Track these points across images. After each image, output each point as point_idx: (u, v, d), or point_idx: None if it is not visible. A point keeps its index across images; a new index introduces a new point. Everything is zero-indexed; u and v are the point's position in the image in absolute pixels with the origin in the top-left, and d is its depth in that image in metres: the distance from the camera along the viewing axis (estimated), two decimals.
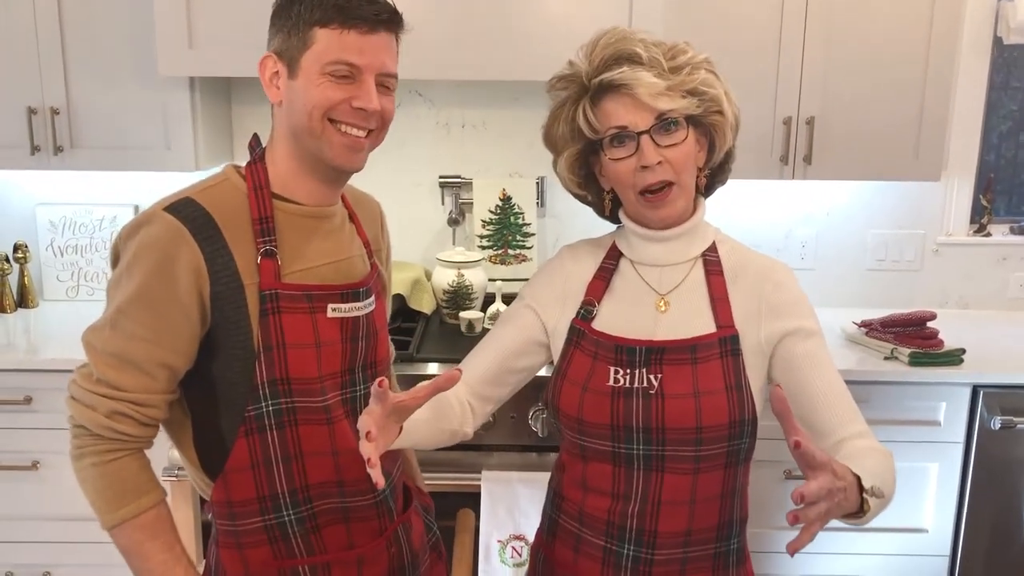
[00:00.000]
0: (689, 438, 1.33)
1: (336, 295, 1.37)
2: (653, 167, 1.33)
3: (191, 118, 2.53)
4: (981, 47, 2.82)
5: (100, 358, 1.28)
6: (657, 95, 1.31)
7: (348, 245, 1.44)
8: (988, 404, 2.37)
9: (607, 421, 1.37)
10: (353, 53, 1.28)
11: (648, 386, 1.35)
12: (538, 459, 2.29)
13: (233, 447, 1.33)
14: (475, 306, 2.67)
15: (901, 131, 2.55)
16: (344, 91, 1.29)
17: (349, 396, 1.40)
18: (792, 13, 2.47)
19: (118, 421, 1.28)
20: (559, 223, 2.94)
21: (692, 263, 1.43)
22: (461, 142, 2.90)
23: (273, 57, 1.33)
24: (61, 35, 2.48)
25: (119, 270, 1.30)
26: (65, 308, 2.87)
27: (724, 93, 1.37)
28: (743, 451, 1.38)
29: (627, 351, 1.38)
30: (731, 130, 1.40)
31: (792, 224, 2.93)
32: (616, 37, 1.36)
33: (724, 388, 1.34)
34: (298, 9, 1.29)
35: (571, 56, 1.41)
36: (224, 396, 1.33)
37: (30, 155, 2.54)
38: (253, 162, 1.38)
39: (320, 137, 1.31)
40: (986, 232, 2.94)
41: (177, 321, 1.28)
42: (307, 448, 1.35)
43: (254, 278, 1.30)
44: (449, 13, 2.30)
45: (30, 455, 2.42)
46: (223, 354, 1.31)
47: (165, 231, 1.27)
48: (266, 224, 1.32)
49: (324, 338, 1.35)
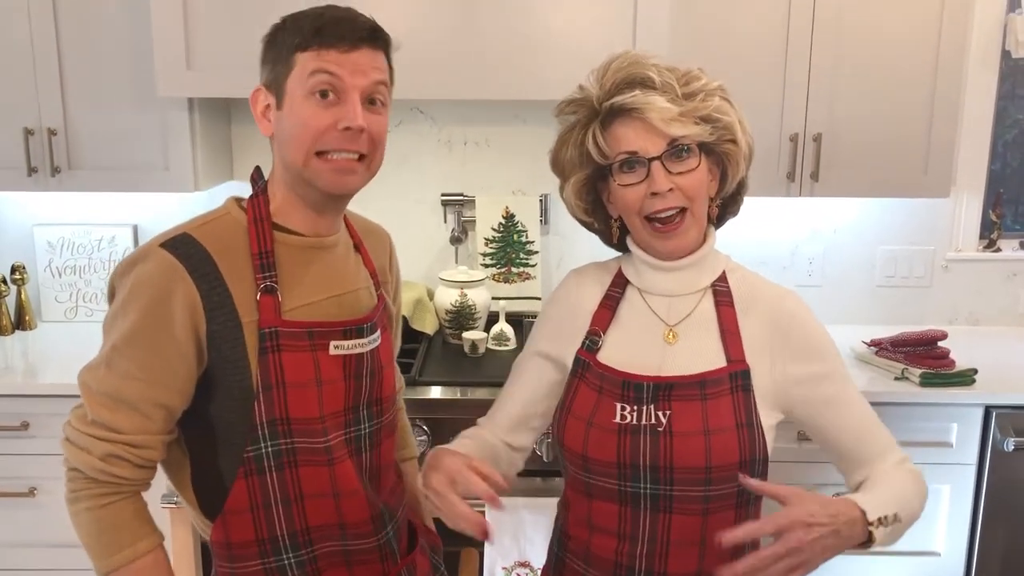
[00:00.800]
0: (699, 478, 1.29)
1: (338, 332, 1.33)
2: (664, 194, 1.30)
3: (190, 138, 2.50)
4: (989, 61, 2.78)
5: (95, 399, 1.25)
6: (670, 120, 1.28)
7: (353, 276, 1.41)
8: (1001, 425, 2.33)
9: (613, 459, 1.32)
10: (332, 65, 1.25)
11: (656, 423, 1.31)
12: (543, 484, 2.25)
13: (232, 488, 1.29)
14: (478, 326, 2.64)
15: (909, 147, 2.51)
16: (330, 114, 1.25)
17: (353, 435, 1.37)
18: (798, 29, 2.44)
19: (113, 464, 1.24)
20: (563, 241, 2.91)
21: (702, 294, 1.39)
22: (463, 160, 2.87)
23: (263, 90, 1.32)
24: (59, 56, 2.46)
25: (114, 307, 1.27)
26: (63, 329, 2.84)
27: (738, 121, 1.35)
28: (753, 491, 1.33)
29: (634, 387, 1.34)
30: (744, 160, 1.37)
31: (799, 241, 2.90)
32: (628, 61, 1.33)
33: (735, 426, 1.30)
34: (282, 38, 1.28)
35: (574, 75, 1.40)
36: (222, 436, 1.30)
37: (27, 176, 2.51)
38: (255, 195, 1.35)
39: (308, 168, 1.28)
40: (996, 248, 2.90)
41: (173, 360, 1.24)
42: (307, 490, 1.31)
43: (253, 315, 1.27)
44: (451, 33, 2.28)
45: (27, 481, 2.38)
46: (220, 393, 1.28)
47: (160, 268, 1.24)
48: (266, 259, 1.29)
49: (326, 376, 1.31)
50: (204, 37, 2.29)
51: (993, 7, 2.74)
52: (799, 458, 2.32)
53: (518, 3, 2.27)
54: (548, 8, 2.28)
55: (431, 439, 2.22)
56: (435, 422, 2.23)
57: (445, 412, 2.25)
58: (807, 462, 2.33)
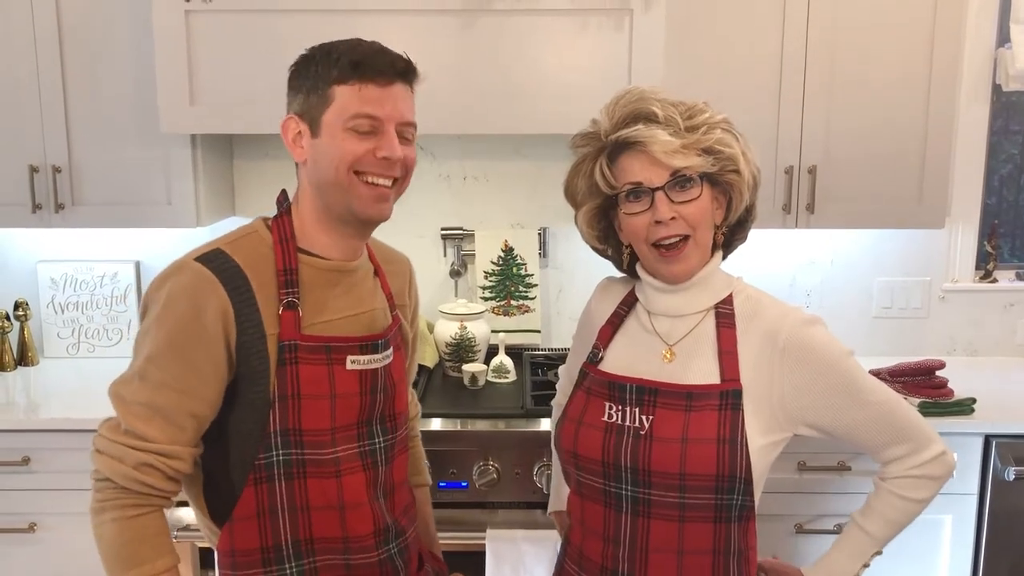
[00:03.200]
0: (673, 483, 1.34)
1: (355, 347, 1.38)
2: (667, 222, 1.36)
3: (192, 174, 2.54)
4: (981, 95, 2.82)
5: (128, 409, 1.28)
6: (672, 152, 1.35)
7: (370, 298, 1.46)
8: (1001, 454, 2.33)
9: (599, 456, 1.40)
10: (372, 105, 1.32)
11: (639, 426, 1.38)
12: (543, 517, 2.25)
13: (241, 495, 1.33)
14: (478, 358, 2.65)
15: (904, 179, 2.54)
16: (367, 143, 1.32)
17: (368, 448, 1.40)
18: (791, 64, 2.48)
19: (145, 473, 1.27)
20: (561, 273, 2.93)
21: (704, 314, 1.44)
22: (463, 194, 2.90)
23: (295, 118, 1.36)
24: (64, 93, 2.50)
25: (148, 320, 1.31)
26: (66, 365, 2.85)
27: (742, 153, 1.40)
28: (735, 508, 1.36)
29: (619, 387, 1.42)
30: (748, 189, 1.42)
31: (796, 272, 2.92)
32: (635, 96, 1.40)
33: (715, 439, 1.34)
34: (315, 69, 1.33)
35: (571, 110, 1.46)
36: (236, 445, 1.34)
37: (31, 213, 2.54)
38: (279, 216, 1.40)
39: (348, 190, 1.33)
40: (992, 278, 2.92)
41: (206, 370, 1.29)
42: (314, 501, 1.35)
43: (275, 328, 1.32)
44: (451, 69, 2.32)
45: (27, 517, 2.38)
46: (241, 403, 1.32)
47: (196, 280, 1.29)
48: (290, 276, 1.34)
49: (341, 390, 1.36)
50: (207, 74, 2.33)
51: (983, 42, 2.78)
52: (800, 489, 2.33)
53: (516, 40, 2.32)
54: (545, 45, 2.32)
55: (431, 471, 2.22)
56: (435, 454, 2.23)
57: (445, 444, 2.26)
58: (808, 493, 2.33)
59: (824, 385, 1.38)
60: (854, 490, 2.32)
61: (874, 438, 1.42)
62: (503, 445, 2.25)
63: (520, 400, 2.40)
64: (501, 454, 2.25)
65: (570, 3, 2.29)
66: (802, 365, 1.38)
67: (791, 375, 1.38)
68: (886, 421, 1.41)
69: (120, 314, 2.89)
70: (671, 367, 1.42)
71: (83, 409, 2.40)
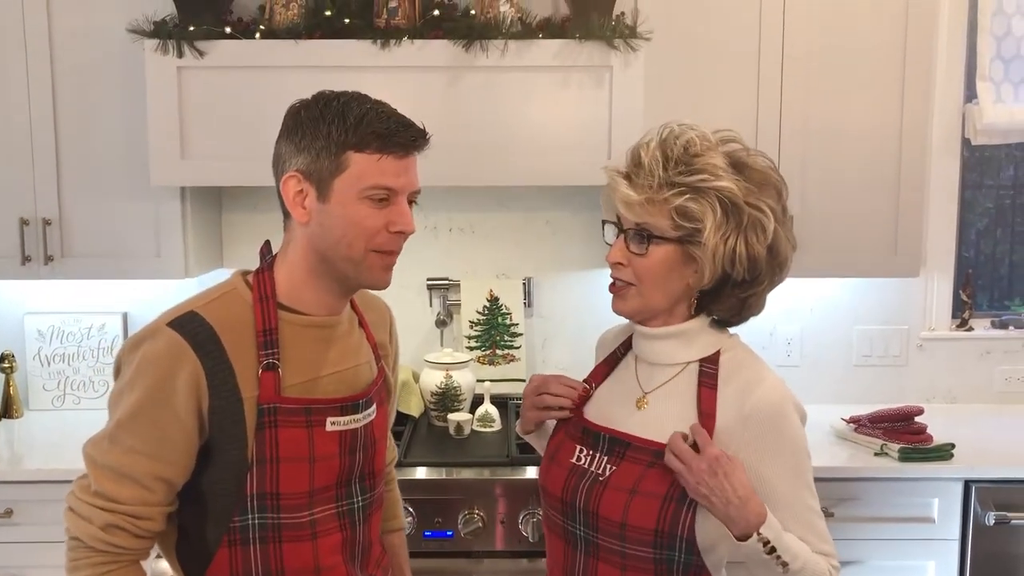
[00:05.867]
0: (615, 531, 1.36)
1: (336, 409, 1.36)
2: (614, 264, 1.39)
3: (181, 227, 2.57)
4: (951, 148, 2.90)
5: (99, 471, 1.28)
6: (631, 204, 1.35)
7: (355, 352, 1.44)
8: (981, 499, 2.36)
9: (559, 494, 1.43)
10: (390, 178, 1.30)
11: (601, 472, 1.39)
12: (529, 565, 2.25)
13: (215, 556, 1.32)
14: (464, 407, 2.66)
15: (879, 229, 2.61)
16: (382, 215, 1.31)
17: (346, 508, 1.40)
18: (767, 112, 2.56)
19: (112, 534, 1.27)
20: (546, 323, 2.96)
21: (682, 368, 1.42)
22: (449, 245, 2.94)
23: (298, 176, 1.31)
24: (56, 147, 2.54)
25: (120, 384, 1.31)
26: (51, 417, 2.84)
27: (715, 227, 1.32)
28: (678, 564, 1.35)
29: (592, 435, 1.43)
30: (716, 263, 1.34)
31: (776, 321, 2.96)
32: (649, 136, 1.40)
33: (663, 496, 1.33)
34: (328, 130, 1.28)
35: (554, 162, 1.49)
36: (212, 506, 1.33)
37: (21, 265, 2.56)
38: (261, 271, 1.38)
39: (360, 263, 1.33)
40: (968, 327, 2.97)
41: (175, 436, 1.28)
42: (288, 565, 1.34)
43: (254, 391, 1.30)
44: (437, 123, 2.33)
45: (10, 570, 2.36)
46: (216, 466, 1.31)
47: (166, 347, 1.28)
48: (270, 336, 1.32)
49: (320, 452, 1.34)
50: (198, 128, 2.38)
51: (952, 97, 2.87)
52: None
53: (501, 96, 2.39)
54: (529, 101, 2.39)
55: (416, 520, 2.23)
56: (420, 503, 2.24)
57: (431, 493, 2.26)
58: None
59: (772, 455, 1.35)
60: (837, 536, 2.31)
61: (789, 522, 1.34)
62: (489, 493, 2.26)
63: (505, 449, 2.41)
64: (487, 503, 2.26)
65: (552, 60, 2.36)
66: (761, 436, 1.35)
67: (749, 441, 1.35)
68: (807, 518, 1.36)
69: (107, 366, 2.89)
70: (642, 415, 1.42)
71: (68, 461, 2.38)
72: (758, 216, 1.35)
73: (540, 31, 2.38)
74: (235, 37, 2.35)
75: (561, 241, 2.93)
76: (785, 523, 1.33)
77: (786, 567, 1.29)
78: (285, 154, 1.33)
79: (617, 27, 2.34)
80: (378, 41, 2.34)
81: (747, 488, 1.29)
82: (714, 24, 2.55)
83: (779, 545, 1.29)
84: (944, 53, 2.85)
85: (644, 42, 2.36)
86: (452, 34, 2.35)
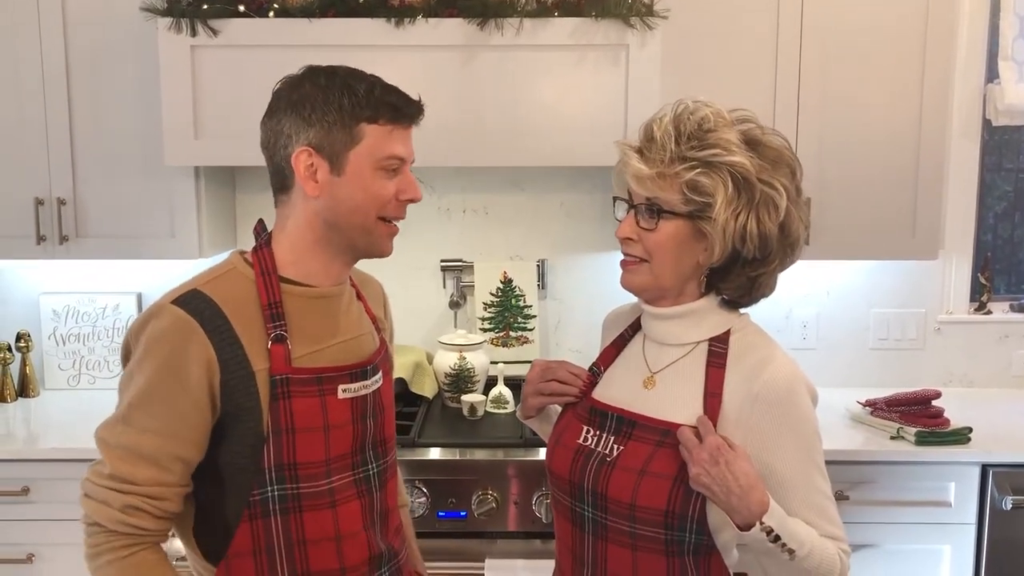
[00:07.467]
0: (624, 512, 1.35)
1: (346, 376, 1.38)
2: (624, 239, 1.38)
3: (196, 207, 2.57)
4: (971, 129, 2.87)
5: (113, 453, 1.28)
6: (642, 179, 1.34)
7: (357, 323, 1.46)
8: (998, 483, 2.34)
9: (566, 475, 1.41)
10: (400, 147, 1.35)
11: (608, 453, 1.38)
12: (542, 546, 2.25)
13: (236, 531, 1.32)
14: (477, 389, 2.66)
15: (897, 211, 2.58)
16: (393, 184, 1.36)
17: (362, 476, 1.41)
18: (785, 100, 2.53)
19: (132, 515, 1.27)
20: (560, 305, 2.95)
21: (691, 347, 1.41)
22: (462, 226, 2.93)
23: (309, 151, 1.32)
24: (70, 127, 2.54)
25: (131, 365, 1.31)
26: (66, 397, 2.86)
27: (725, 202, 1.30)
28: (688, 544, 1.34)
29: (599, 414, 1.42)
30: (727, 239, 1.32)
31: (792, 304, 2.94)
32: (663, 111, 1.39)
33: (672, 476, 1.32)
34: (340, 103, 1.31)
35: (568, 142, 1.46)
36: (230, 482, 1.33)
37: (36, 245, 2.57)
38: (259, 247, 1.39)
39: (371, 232, 1.37)
40: (986, 310, 2.95)
41: (189, 414, 1.28)
42: (310, 535, 1.34)
43: (265, 363, 1.31)
44: (451, 103, 2.36)
45: (25, 548, 2.38)
46: (232, 441, 1.32)
47: (174, 324, 1.28)
48: (275, 309, 1.33)
49: (334, 420, 1.36)
50: (211, 108, 2.38)
51: (972, 78, 2.84)
52: None
53: (516, 75, 2.37)
54: (544, 80, 2.37)
55: (430, 501, 2.23)
56: (434, 483, 2.24)
57: (444, 474, 2.26)
58: None
59: (782, 435, 1.32)
60: (853, 519, 2.32)
61: (797, 505, 1.32)
62: (502, 474, 2.26)
63: (519, 430, 2.41)
64: (500, 484, 2.26)
65: (568, 39, 2.34)
66: (770, 416, 1.32)
67: (758, 421, 1.32)
68: (817, 501, 1.33)
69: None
70: (649, 394, 1.40)
71: (83, 440, 2.37)
72: (771, 193, 1.33)
73: (555, 9, 2.35)
74: (248, 16, 2.34)
75: (575, 223, 2.91)
76: (794, 505, 1.31)
77: (792, 554, 1.27)
78: (290, 129, 1.33)
79: (634, 5, 2.32)
80: (392, 20, 2.33)
81: (749, 477, 1.26)
82: (732, 1, 2.52)
83: (783, 533, 1.26)
84: (965, 32, 2.82)
85: (661, 20, 2.34)
86: (466, 12, 2.33)
